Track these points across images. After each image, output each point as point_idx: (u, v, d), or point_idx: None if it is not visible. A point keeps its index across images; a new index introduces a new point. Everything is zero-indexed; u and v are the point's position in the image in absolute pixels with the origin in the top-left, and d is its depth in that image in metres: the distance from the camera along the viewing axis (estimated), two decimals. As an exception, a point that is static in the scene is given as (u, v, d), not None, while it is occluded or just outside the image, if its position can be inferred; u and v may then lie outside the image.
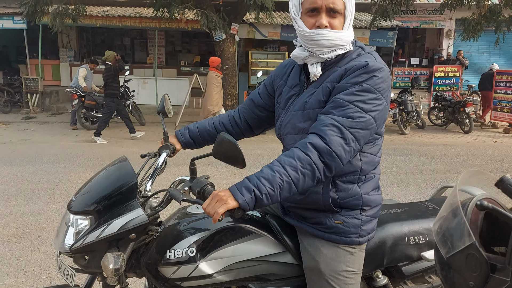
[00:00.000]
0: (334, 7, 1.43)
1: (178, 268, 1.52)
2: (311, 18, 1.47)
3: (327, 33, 1.44)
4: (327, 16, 1.45)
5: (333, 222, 1.51)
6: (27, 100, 12.75)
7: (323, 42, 1.45)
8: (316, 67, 1.51)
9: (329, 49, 1.46)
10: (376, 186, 1.58)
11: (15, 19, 12.96)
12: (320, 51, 1.47)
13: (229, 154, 1.39)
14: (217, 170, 6.12)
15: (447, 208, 1.22)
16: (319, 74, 1.51)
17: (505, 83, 11.37)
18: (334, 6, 1.43)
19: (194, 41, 17.91)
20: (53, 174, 6.08)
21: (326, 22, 1.44)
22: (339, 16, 1.46)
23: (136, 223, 1.43)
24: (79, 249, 1.43)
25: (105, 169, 1.64)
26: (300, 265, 1.60)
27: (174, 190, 1.43)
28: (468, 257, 1.09)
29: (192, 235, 1.56)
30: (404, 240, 1.68)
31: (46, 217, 4.37)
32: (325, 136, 1.35)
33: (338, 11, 1.44)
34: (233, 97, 11.50)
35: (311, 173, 1.32)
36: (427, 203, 1.94)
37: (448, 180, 6.13)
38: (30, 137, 9.20)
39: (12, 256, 3.48)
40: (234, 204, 1.26)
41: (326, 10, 1.44)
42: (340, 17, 1.46)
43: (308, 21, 1.47)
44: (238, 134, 1.86)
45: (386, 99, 1.44)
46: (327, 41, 1.44)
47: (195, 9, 10.24)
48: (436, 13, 14.72)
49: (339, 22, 1.46)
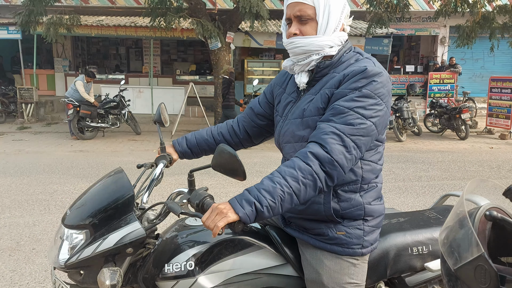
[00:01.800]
0: (301, 14, 1.44)
1: (177, 283, 1.47)
2: (288, 28, 1.49)
3: (296, 40, 1.45)
4: (298, 24, 1.45)
5: (335, 233, 1.48)
6: (22, 110, 12.68)
7: (294, 49, 1.47)
8: (300, 76, 1.52)
9: (303, 56, 1.47)
10: (379, 195, 1.55)
11: (10, 29, 12.96)
12: (296, 58, 1.50)
13: (229, 166, 1.35)
14: (214, 180, 6.08)
15: (454, 218, 1.19)
16: (303, 83, 1.51)
17: (500, 89, 11.45)
18: (301, 14, 1.44)
19: (189, 50, 17.97)
20: (48, 184, 6.01)
21: (295, 30, 1.45)
22: (311, 22, 1.45)
23: (133, 237, 1.39)
24: (74, 264, 1.39)
25: (101, 181, 1.61)
26: (301, 278, 1.56)
27: (172, 203, 1.39)
28: (477, 269, 1.06)
29: (191, 248, 1.52)
30: (407, 250, 1.64)
31: (41, 228, 4.30)
32: (325, 144, 1.32)
33: (307, 17, 1.44)
34: (229, 105, 11.48)
35: (312, 183, 1.29)
36: (429, 212, 1.91)
37: (446, 187, 6.12)
38: (25, 147, 9.12)
39: (6, 269, 3.41)
40: (235, 217, 1.22)
41: (296, 19, 1.45)
42: (312, 23, 1.45)
43: (286, 31, 1.50)
44: (237, 144, 1.83)
45: (386, 104, 1.41)
46: (298, 48, 1.46)
47: (191, 18, 10.26)
48: (431, 20, 14.88)
49: (310, 27, 1.45)
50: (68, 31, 11.04)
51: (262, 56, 15.16)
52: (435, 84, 14.23)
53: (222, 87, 9.82)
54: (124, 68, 17.60)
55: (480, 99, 14.69)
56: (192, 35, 12.12)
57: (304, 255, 1.54)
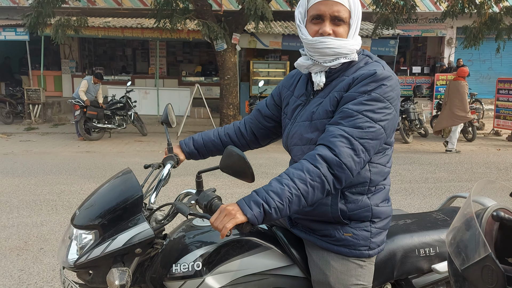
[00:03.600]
0: (339, 15, 1.41)
1: (184, 283, 1.48)
2: (315, 26, 1.45)
3: (330, 40, 1.42)
4: (331, 24, 1.43)
5: (342, 234, 1.48)
6: (29, 111, 12.78)
7: (325, 50, 1.43)
8: (319, 76, 1.49)
9: (332, 57, 1.44)
10: (386, 197, 1.55)
11: (18, 31, 13.06)
12: (323, 59, 1.46)
13: (237, 168, 1.36)
14: (221, 181, 6.09)
15: (461, 219, 1.19)
16: (323, 83, 1.49)
17: (507, 91, 11.37)
18: (339, 15, 1.41)
19: (195, 51, 18.01)
20: (55, 185, 6.05)
21: (329, 30, 1.42)
22: (344, 25, 1.44)
23: (141, 238, 1.40)
24: (83, 264, 1.40)
25: (109, 181, 1.62)
26: (308, 279, 1.56)
27: (181, 204, 1.40)
28: (484, 269, 1.06)
29: (198, 248, 1.53)
30: (414, 252, 1.64)
31: (48, 228, 4.34)
32: (334, 147, 1.32)
33: (343, 19, 1.42)
34: (234, 107, 11.51)
35: (320, 186, 1.29)
36: (436, 214, 1.90)
37: (453, 188, 6.09)
38: (32, 148, 9.19)
39: (14, 269, 3.44)
40: (243, 219, 1.23)
41: (330, 18, 1.42)
42: (344, 26, 1.44)
43: (312, 28, 1.46)
44: (243, 145, 1.84)
45: (395, 108, 1.41)
46: (330, 49, 1.43)
47: (197, 19, 10.29)
48: (437, 21, 14.81)
49: (343, 30, 1.44)
50: (75, 33, 11.12)
51: (267, 57, 15.15)
52: (441, 86, 14.15)
53: None
54: (130, 69, 17.68)
55: (488, 100, 14.60)
56: (198, 37, 12.17)
57: (310, 256, 1.54)
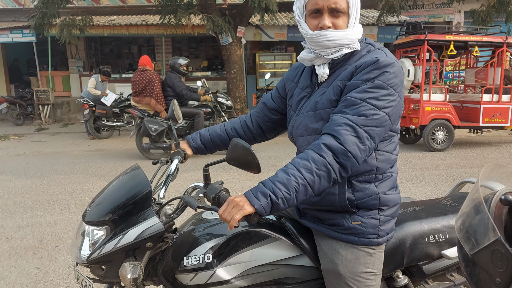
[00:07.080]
0: (336, 7, 1.41)
1: (195, 275, 1.50)
2: (314, 20, 1.45)
3: (330, 33, 1.42)
4: (330, 17, 1.43)
5: (350, 223, 1.49)
6: (39, 112, 12.92)
7: (326, 43, 1.43)
8: (323, 68, 1.50)
9: (334, 49, 1.44)
10: (394, 185, 1.55)
11: (25, 32, 13.17)
12: (325, 52, 1.46)
13: (243, 159, 1.37)
14: (229, 174, 6.11)
15: (469, 204, 1.18)
16: (326, 75, 1.49)
17: (516, 75, 11.17)
18: (336, 6, 1.41)
19: (201, 46, 17.98)
20: (67, 184, 6.12)
21: (328, 23, 1.42)
22: (343, 15, 1.43)
23: (152, 232, 1.42)
24: (96, 259, 1.42)
25: (118, 178, 1.64)
26: (318, 268, 1.57)
27: (189, 197, 1.42)
28: (493, 253, 1.06)
29: (208, 241, 1.54)
30: (424, 238, 1.64)
31: (62, 227, 4.40)
32: (339, 136, 1.32)
33: (341, 10, 1.42)
34: (241, 100, 11.50)
35: (326, 175, 1.30)
36: (445, 200, 1.90)
37: (464, 175, 6.04)
38: (43, 148, 9.30)
39: (30, 267, 3.51)
40: (251, 210, 1.24)
41: (328, 11, 1.42)
42: (344, 16, 1.44)
43: (312, 22, 1.46)
44: (250, 138, 1.85)
45: (399, 95, 1.41)
46: (331, 42, 1.42)
47: (201, 14, 10.27)
48: (444, 6, 14.58)
49: (343, 21, 1.44)
50: (81, 32, 11.18)
51: (273, 50, 15.09)
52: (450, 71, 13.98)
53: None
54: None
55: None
56: (203, 31, 12.15)
57: (320, 245, 1.55)
